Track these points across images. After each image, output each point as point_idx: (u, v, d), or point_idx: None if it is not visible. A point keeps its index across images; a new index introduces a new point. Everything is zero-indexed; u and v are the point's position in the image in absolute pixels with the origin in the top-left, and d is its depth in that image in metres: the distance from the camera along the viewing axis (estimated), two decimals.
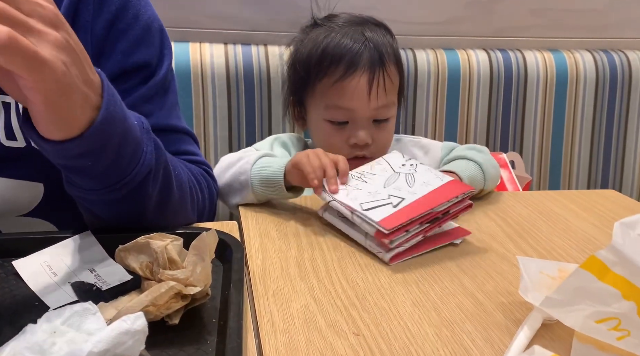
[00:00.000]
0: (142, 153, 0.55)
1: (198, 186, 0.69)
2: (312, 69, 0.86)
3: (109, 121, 0.49)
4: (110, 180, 0.54)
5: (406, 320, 0.51)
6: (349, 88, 0.84)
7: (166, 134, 0.66)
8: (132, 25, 0.65)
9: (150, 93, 0.66)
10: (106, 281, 0.52)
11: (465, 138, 1.25)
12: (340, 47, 0.84)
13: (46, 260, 0.54)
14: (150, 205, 0.58)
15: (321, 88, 0.86)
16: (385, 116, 0.87)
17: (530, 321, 0.49)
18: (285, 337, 0.48)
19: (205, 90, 1.10)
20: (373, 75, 0.84)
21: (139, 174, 0.55)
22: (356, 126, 0.85)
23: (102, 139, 0.49)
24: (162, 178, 0.58)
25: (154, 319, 0.44)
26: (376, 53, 0.85)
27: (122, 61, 0.64)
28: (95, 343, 0.35)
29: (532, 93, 1.25)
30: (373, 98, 0.84)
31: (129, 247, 0.49)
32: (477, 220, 0.73)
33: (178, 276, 0.45)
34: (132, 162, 0.54)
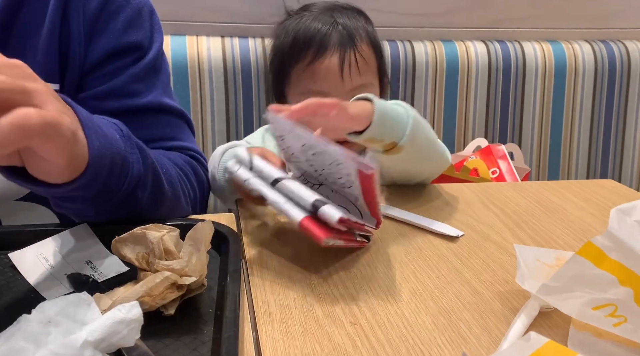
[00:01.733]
0: (129, 165, 0.54)
1: (185, 177, 0.69)
2: (285, 57, 0.86)
3: (101, 150, 0.49)
4: (100, 199, 0.54)
5: (403, 309, 0.51)
6: (320, 70, 0.83)
7: (156, 114, 0.66)
8: (123, 7, 0.66)
9: (142, 73, 0.67)
10: (102, 273, 0.52)
11: (464, 130, 1.24)
12: (310, 30, 0.84)
13: (42, 252, 0.53)
14: (143, 207, 0.58)
15: (295, 75, 0.85)
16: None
17: (527, 309, 0.49)
18: (282, 326, 0.48)
19: (203, 84, 1.10)
20: (344, 54, 0.82)
21: (129, 185, 0.55)
22: None
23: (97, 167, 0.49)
24: (151, 182, 0.57)
25: (150, 309, 0.44)
26: (345, 33, 0.84)
27: (113, 41, 0.65)
28: (91, 331, 0.35)
29: (530, 84, 1.25)
30: (346, 78, 0.82)
31: (125, 237, 0.49)
32: (475, 211, 0.73)
33: (174, 267, 0.45)
34: (121, 177, 0.53)
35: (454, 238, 0.65)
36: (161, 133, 0.67)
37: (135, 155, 0.55)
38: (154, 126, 0.66)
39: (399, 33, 1.25)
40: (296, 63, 0.85)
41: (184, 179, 0.69)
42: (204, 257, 0.46)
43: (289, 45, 0.86)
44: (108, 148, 0.50)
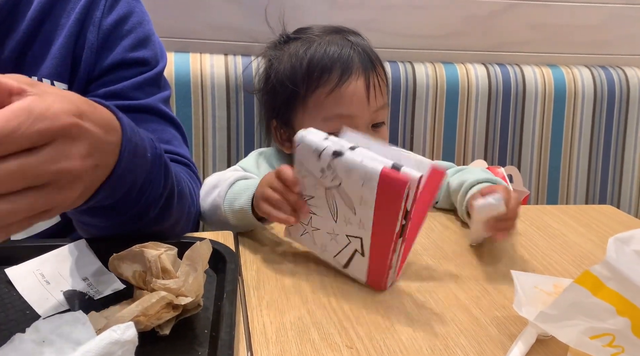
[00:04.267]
0: (151, 184, 0.54)
1: (193, 194, 0.69)
2: (299, 84, 0.82)
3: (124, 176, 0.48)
4: (113, 215, 0.54)
5: (400, 333, 0.50)
6: (347, 94, 0.81)
7: (152, 116, 0.68)
8: (135, 29, 0.71)
9: (143, 83, 0.69)
10: (99, 290, 0.52)
11: (464, 152, 1.25)
12: (329, 54, 0.82)
13: (39, 268, 0.53)
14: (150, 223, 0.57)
15: (315, 101, 0.82)
16: (381, 119, 0.85)
17: (525, 337, 0.48)
18: (277, 349, 0.47)
19: (205, 101, 1.10)
20: (368, 77, 0.82)
21: (146, 203, 0.54)
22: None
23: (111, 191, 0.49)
24: (164, 201, 0.57)
25: (145, 329, 0.44)
26: (365, 55, 0.83)
27: (123, 54, 0.69)
28: (84, 353, 0.34)
29: (530, 108, 1.26)
30: (372, 100, 0.82)
31: (123, 255, 0.49)
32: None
33: (170, 286, 0.45)
34: (138, 195, 0.53)
35: (452, 261, 0.64)
36: (156, 135, 0.68)
37: (159, 176, 0.55)
38: (149, 127, 0.67)
39: (400, 54, 1.26)
40: (316, 88, 0.81)
41: (191, 196, 0.69)
42: (201, 277, 0.46)
43: (306, 71, 0.82)
44: (132, 175, 0.50)
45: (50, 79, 0.64)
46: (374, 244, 0.56)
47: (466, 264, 0.64)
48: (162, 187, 0.55)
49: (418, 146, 1.24)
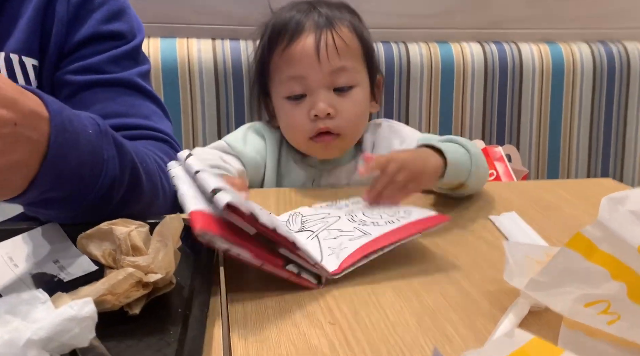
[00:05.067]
0: (102, 166, 0.52)
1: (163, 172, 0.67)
2: (264, 50, 0.82)
3: (61, 158, 0.46)
4: (72, 202, 0.52)
5: (386, 309, 0.48)
6: (295, 53, 0.78)
7: (128, 90, 0.66)
8: (108, 1, 0.68)
9: (118, 57, 0.67)
10: (70, 272, 0.49)
11: (461, 133, 1.22)
12: (286, 18, 0.81)
13: (8, 251, 0.51)
14: (118, 207, 0.55)
15: (273, 65, 0.81)
16: (345, 83, 0.79)
17: (516, 308, 0.46)
18: (256, 327, 0.45)
19: (193, 87, 1.08)
20: (320, 35, 0.78)
21: (103, 186, 0.52)
22: (314, 96, 0.78)
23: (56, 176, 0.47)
24: (128, 181, 0.55)
25: (113, 308, 0.41)
26: (322, 17, 0.80)
27: (96, 27, 0.66)
28: (36, 330, 0.32)
29: (528, 86, 1.23)
30: (323, 59, 0.77)
31: (91, 233, 0.47)
32: (466, 209, 0.70)
33: (139, 263, 0.43)
34: (92, 178, 0.51)
35: (442, 237, 0.62)
36: (133, 110, 0.66)
37: (112, 152, 0.53)
38: (125, 102, 0.65)
39: (393, 34, 1.23)
40: (273, 51, 0.80)
41: (164, 173, 0.67)
42: (172, 252, 0.43)
43: (268, 36, 0.82)
44: (75, 155, 0.48)
45: (18, 53, 0.61)
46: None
47: (457, 239, 0.62)
48: (117, 165, 0.53)
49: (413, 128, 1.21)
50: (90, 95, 0.64)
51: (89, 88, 0.65)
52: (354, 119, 0.81)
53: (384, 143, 0.83)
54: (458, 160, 0.68)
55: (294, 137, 0.82)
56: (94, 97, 0.64)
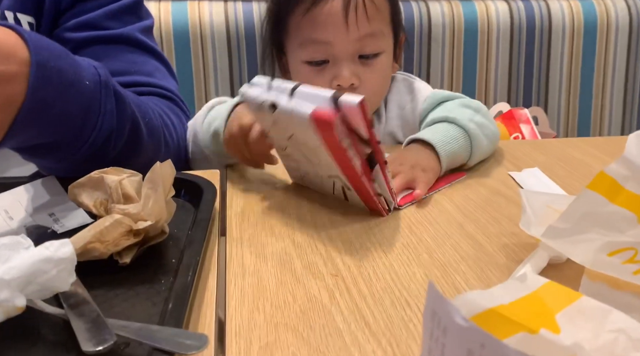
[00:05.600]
0: (98, 116, 0.50)
1: (171, 126, 0.64)
2: (281, 5, 0.75)
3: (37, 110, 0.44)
4: (64, 153, 0.50)
5: (392, 261, 0.45)
6: (321, 15, 0.71)
7: (130, 47, 0.63)
8: None
9: (118, 11, 0.64)
10: (64, 225, 0.48)
11: (485, 96, 1.16)
12: None
13: (3, 204, 0.50)
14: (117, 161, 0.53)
15: (293, 23, 0.74)
16: (372, 50, 0.72)
17: (534, 259, 0.42)
18: (254, 278, 0.43)
19: (205, 51, 1.06)
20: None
21: (98, 138, 0.50)
22: (338, 64, 0.71)
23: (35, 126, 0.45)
24: (128, 134, 0.53)
25: (102, 256, 0.40)
26: None
27: None
28: (7, 269, 0.30)
29: (557, 44, 1.16)
30: (352, 25, 0.70)
31: (83, 182, 0.45)
32: (487, 166, 0.66)
33: (129, 211, 0.41)
34: (85, 129, 0.49)
35: (458, 193, 0.58)
36: (136, 67, 0.63)
37: (110, 105, 0.51)
38: (127, 59, 0.62)
39: None
40: (294, 10, 0.72)
41: (169, 128, 0.65)
42: (162, 199, 0.41)
43: None
44: (61, 99, 0.46)
45: (13, 11, 0.59)
46: (351, 180, 0.51)
47: (474, 195, 0.58)
48: (115, 118, 0.50)
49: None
50: (90, 52, 0.62)
51: (89, 45, 0.62)
52: (377, 89, 0.75)
53: (395, 98, 0.78)
54: (453, 150, 0.62)
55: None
56: (94, 54, 0.62)
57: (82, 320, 0.32)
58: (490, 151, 0.68)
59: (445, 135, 0.62)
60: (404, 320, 0.37)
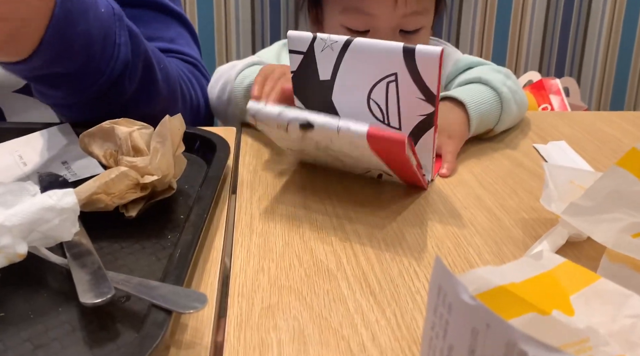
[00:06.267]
0: (114, 47, 0.49)
1: (190, 83, 0.63)
2: None
3: (67, 18, 0.43)
4: (82, 84, 0.49)
5: (404, 230, 0.44)
6: None
7: (155, 13, 0.62)
8: None
9: None
10: (76, 173, 0.48)
11: (516, 62, 1.12)
12: None
13: (18, 149, 0.50)
14: (132, 100, 0.52)
15: None
16: (414, 26, 0.71)
17: (552, 236, 0.41)
18: (260, 239, 0.42)
19: (228, 3, 1.03)
20: None
21: (115, 69, 0.49)
22: (378, 36, 0.70)
23: (62, 43, 0.44)
24: (142, 72, 0.52)
25: (107, 208, 0.39)
26: None
27: None
28: (9, 216, 0.30)
29: (597, 9, 1.10)
30: (401, 2, 0.69)
31: (93, 132, 0.44)
32: (511, 137, 0.63)
33: (137, 164, 0.40)
34: (104, 56, 0.48)
35: (477, 163, 0.56)
36: (159, 33, 0.61)
37: (124, 37, 0.50)
38: (151, 24, 0.60)
39: None
40: None
41: (188, 85, 0.63)
42: (170, 154, 0.40)
43: None
44: (81, 20, 0.45)
45: None
46: (394, 170, 0.48)
47: (495, 166, 0.56)
48: (130, 52, 0.49)
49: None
50: None
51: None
52: None
53: None
54: (483, 112, 0.59)
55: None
56: None
57: (83, 271, 0.32)
58: (517, 120, 0.65)
59: (478, 96, 0.60)
60: (411, 291, 0.36)
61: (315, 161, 0.53)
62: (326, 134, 0.43)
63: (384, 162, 0.46)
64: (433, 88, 0.46)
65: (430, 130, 0.48)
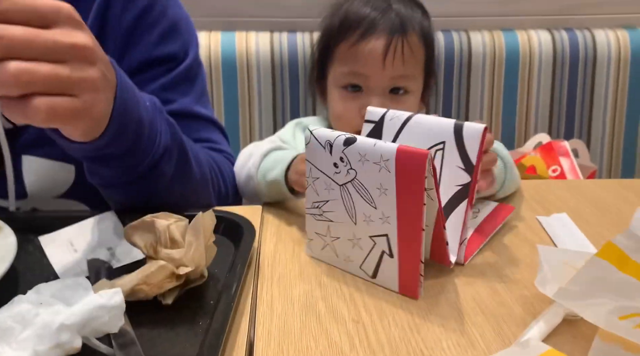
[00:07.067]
0: (157, 133, 0.56)
1: (219, 171, 0.69)
2: (332, 35, 0.85)
3: (124, 109, 0.50)
4: (130, 163, 0.55)
5: (412, 309, 0.48)
6: (363, 52, 0.82)
7: (188, 120, 0.67)
8: (158, 21, 0.68)
9: (173, 82, 0.68)
10: (120, 260, 0.53)
11: (525, 126, 1.17)
12: (361, 12, 0.83)
13: (70, 236, 0.56)
14: (168, 183, 0.59)
15: (339, 53, 0.84)
16: (402, 88, 0.83)
17: (548, 315, 0.44)
18: (280, 321, 0.46)
19: (251, 79, 1.11)
20: (390, 40, 0.81)
21: (156, 153, 0.56)
22: (370, 95, 0.83)
23: (120, 128, 0.50)
24: (177, 156, 0.58)
25: (147, 298, 0.44)
26: (397, 20, 0.82)
27: (147, 52, 0.67)
28: (69, 315, 0.35)
29: (602, 76, 1.15)
30: (388, 64, 0.81)
31: (136, 225, 0.50)
32: (516, 208, 0.67)
33: (173, 256, 0.45)
34: (149, 141, 0.55)
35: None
36: (192, 136, 0.68)
37: (164, 126, 0.57)
38: (185, 131, 0.66)
39: (455, 23, 1.19)
40: (342, 41, 0.84)
41: (217, 173, 0.70)
42: (202, 247, 0.46)
43: (338, 23, 0.85)
44: (135, 109, 0.52)
45: None
46: (402, 238, 0.49)
47: (499, 239, 0.60)
48: (170, 138, 0.56)
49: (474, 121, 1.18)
50: None
51: None
52: None
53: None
54: (498, 173, 0.65)
55: (342, 126, 0.84)
56: None
57: None
58: (514, 187, 0.70)
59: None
60: None
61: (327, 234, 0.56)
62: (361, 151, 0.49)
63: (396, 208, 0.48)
64: (473, 159, 0.52)
65: (464, 202, 0.53)
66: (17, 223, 0.54)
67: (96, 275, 0.50)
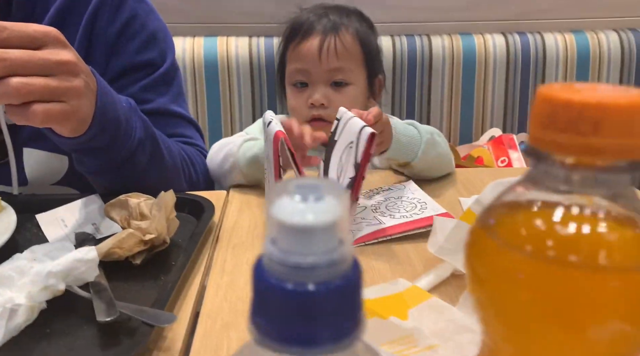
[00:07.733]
0: (132, 129, 0.67)
1: (190, 161, 0.81)
2: (284, 41, 1.02)
3: (104, 110, 0.62)
4: (110, 155, 0.67)
5: None
6: (303, 50, 0.97)
7: (164, 117, 0.79)
8: (139, 32, 0.80)
9: (152, 84, 0.80)
10: (102, 232, 0.65)
11: (482, 122, 1.28)
12: (303, 20, 1.00)
13: (61, 215, 0.68)
14: (144, 171, 0.70)
15: (289, 55, 1.00)
16: (340, 79, 0.96)
17: (439, 270, 0.55)
18: (229, 278, 0.58)
19: (231, 81, 1.23)
20: (324, 39, 0.96)
21: (132, 146, 0.67)
22: (313, 88, 0.97)
23: (101, 125, 0.62)
24: (150, 148, 0.70)
25: (120, 259, 0.56)
26: (330, 23, 0.98)
27: (129, 59, 0.79)
28: (55, 265, 0.47)
29: (551, 75, 1.26)
30: (324, 59, 0.95)
31: (114, 202, 0.61)
32: (441, 190, 0.78)
33: (141, 226, 0.57)
34: (126, 138, 0.66)
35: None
36: (168, 132, 0.79)
37: (139, 123, 0.68)
38: (162, 127, 0.77)
39: (419, 28, 1.30)
40: (290, 44, 1.00)
41: (188, 163, 0.81)
42: (164, 219, 0.57)
43: (288, 30, 1.02)
44: (113, 109, 0.63)
45: None
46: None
47: None
48: (143, 133, 0.68)
49: (435, 118, 1.29)
50: None
51: None
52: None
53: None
54: (403, 142, 0.75)
55: (296, 118, 0.95)
56: None
57: (100, 301, 0.49)
58: (437, 166, 0.81)
59: (404, 129, 0.77)
60: None
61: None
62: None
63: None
64: (359, 157, 0.62)
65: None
66: (18, 205, 0.66)
67: (82, 244, 0.62)
